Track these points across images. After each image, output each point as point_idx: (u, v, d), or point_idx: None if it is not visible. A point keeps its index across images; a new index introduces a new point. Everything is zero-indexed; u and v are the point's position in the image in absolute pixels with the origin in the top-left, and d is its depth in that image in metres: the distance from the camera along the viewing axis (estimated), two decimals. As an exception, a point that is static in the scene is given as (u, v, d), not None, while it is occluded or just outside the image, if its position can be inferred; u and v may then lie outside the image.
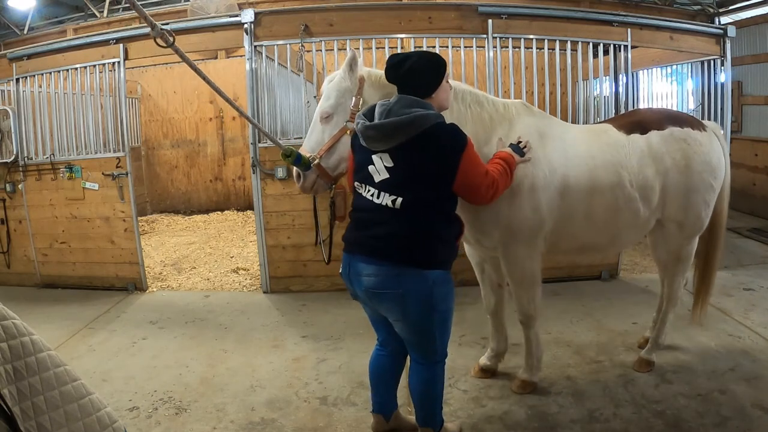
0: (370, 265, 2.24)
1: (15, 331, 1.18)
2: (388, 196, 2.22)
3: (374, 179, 2.26)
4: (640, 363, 3.34)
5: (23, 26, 9.46)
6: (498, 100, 2.83)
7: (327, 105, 2.52)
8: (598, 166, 2.85)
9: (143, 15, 1.64)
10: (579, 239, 2.98)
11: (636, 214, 2.94)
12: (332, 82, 2.56)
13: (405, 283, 2.21)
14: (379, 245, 2.22)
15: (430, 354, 2.39)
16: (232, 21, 4.81)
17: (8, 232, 5.51)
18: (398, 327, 2.36)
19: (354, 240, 2.34)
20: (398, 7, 5.15)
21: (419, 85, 2.29)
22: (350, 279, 2.36)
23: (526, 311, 2.96)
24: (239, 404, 3.11)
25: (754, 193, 7.54)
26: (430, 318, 2.29)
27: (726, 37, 5.19)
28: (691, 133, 3.04)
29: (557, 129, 2.91)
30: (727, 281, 4.84)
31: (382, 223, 2.23)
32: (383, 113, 2.22)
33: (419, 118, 2.16)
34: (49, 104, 5.21)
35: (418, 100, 2.25)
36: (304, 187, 2.59)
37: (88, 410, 1.28)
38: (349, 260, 2.34)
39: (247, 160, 6.78)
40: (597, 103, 5.58)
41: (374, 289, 2.25)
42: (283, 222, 4.93)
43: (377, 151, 2.25)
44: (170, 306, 4.82)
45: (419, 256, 2.22)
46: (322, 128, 2.54)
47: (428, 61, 2.30)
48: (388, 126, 2.17)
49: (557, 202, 2.79)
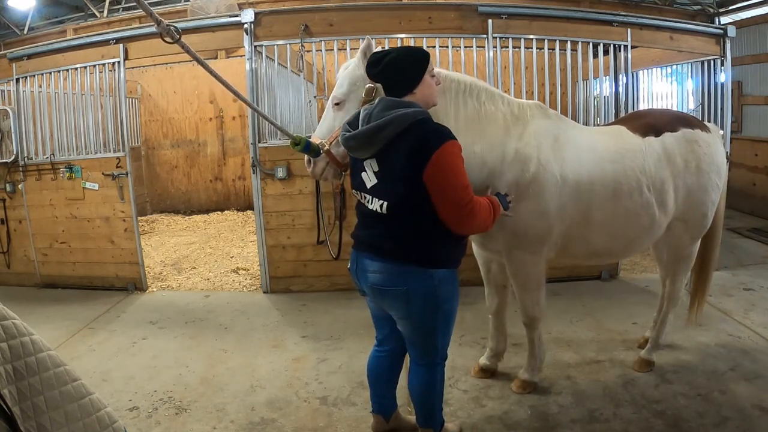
0: (375, 261, 2.26)
1: (15, 331, 1.18)
2: (377, 201, 2.22)
3: (366, 186, 2.27)
4: (640, 363, 3.34)
5: (23, 26, 9.46)
6: (514, 100, 2.78)
7: (339, 92, 2.51)
8: (618, 171, 2.82)
9: (149, 11, 1.63)
10: (592, 244, 2.94)
11: (653, 219, 2.93)
12: (346, 69, 2.54)
13: (410, 281, 2.21)
14: (381, 244, 2.23)
15: (431, 354, 2.38)
16: (232, 21, 4.81)
17: (8, 232, 5.51)
18: (401, 325, 2.36)
19: (360, 238, 2.37)
20: (398, 7, 5.15)
21: (399, 81, 2.21)
22: (357, 275, 2.38)
23: (530, 314, 2.96)
24: (239, 404, 3.11)
25: (754, 193, 7.54)
26: (434, 317, 2.29)
27: (726, 37, 5.19)
28: (700, 134, 3.06)
29: (572, 132, 2.86)
30: (727, 281, 4.85)
31: (376, 225, 2.25)
32: (365, 119, 2.18)
33: (397, 118, 2.10)
34: (49, 104, 5.21)
35: (398, 100, 2.18)
36: (314, 173, 2.58)
37: (88, 410, 1.28)
38: (357, 256, 2.37)
39: (247, 160, 6.78)
40: (597, 103, 5.58)
41: (379, 285, 2.26)
42: (283, 222, 4.93)
43: (365, 158, 2.24)
44: (170, 306, 4.82)
45: (419, 255, 2.20)
46: (334, 115, 2.53)
47: (407, 56, 2.21)
48: (366, 133, 2.13)
49: (569, 208, 2.75)
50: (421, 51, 2.28)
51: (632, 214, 2.87)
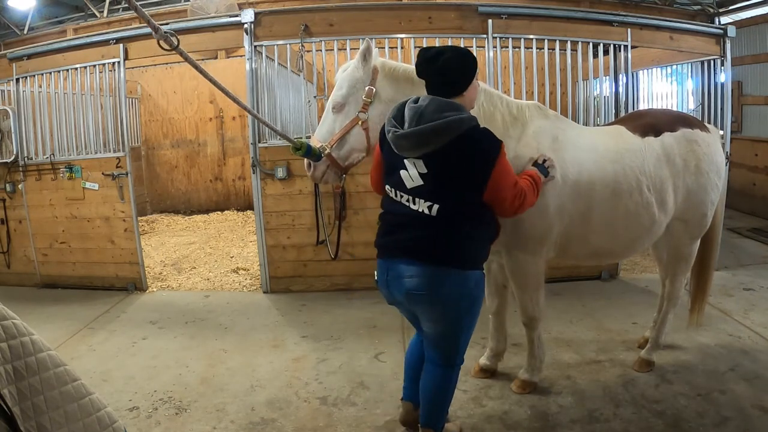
0: (411, 266, 2.19)
1: (15, 331, 1.18)
2: (424, 203, 2.18)
3: (406, 185, 2.21)
4: (640, 363, 3.34)
5: (23, 26, 9.46)
6: (512, 100, 2.78)
7: (339, 95, 2.50)
8: (618, 172, 2.82)
9: (146, 19, 1.63)
10: (592, 245, 2.94)
11: (653, 219, 2.93)
12: (345, 71, 2.54)
13: (448, 284, 2.19)
14: (420, 247, 2.19)
15: (452, 356, 2.37)
16: (232, 21, 4.81)
17: (8, 232, 5.51)
18: (431, 328, 2.32)
19: (391, 244, 2.28)
20: (398, 7, 5.15)
21: (452, 82, 2.21)
22: (388, 284, 2.30)
23: (529, 314, 2.96)
24: (239, 404, 3.11)
25: (754, 193, 7.54)
26: (464, 318, 2.28)
27: (726, 37, 5.19)
28: (700, 134, 3.07)
29: (571, 133, 2.85)
30: (727, 281, 4.85)
31: (420, 228, 2.20)
32: (414, 117, 2.12)
33: (454, 123, 2.09)
34: (49, 104, 5.20)
35: (450, 102, 2.17)
36: (314, 177, 2.58)
37: (88, 410, 1.28)
38: (387, 265, 2.28)
39: (247, 160, 6.78)
40: (597, 103, 5.58)
41: (417, 290, 2.20)
42: (283, 222, 4.93)
43: (409, 156, 2.20)
44: (170, 306, 4.82)
45: (460, 257, 2.20)
46: (334, 118, 2.53)
47: (462, 58, 2.21)
48: (422, 133, 2.09)
49: (569, 208, 2.75)
50: (472, 55, 2.28)
51: (632, 214, 2.87)
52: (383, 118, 2.41)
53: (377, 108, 2.51)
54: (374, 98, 2.48)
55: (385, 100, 2.52)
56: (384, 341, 3.88)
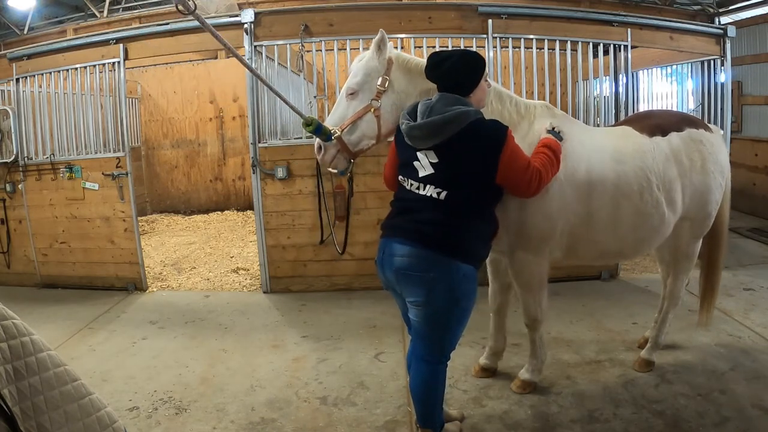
0: (405, 246, 2.28)
1: (15, 331, 1.18)
2: (433, 188, 2.29)
3: (418, 174, 2.33)
4: (640, 363, 3.34)
5: (23, 26, 9.46)
6: (521, 99, 2.80)
7: (353, 82, 2.56)
8: (628, 172, 2.81)
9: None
10: (601, 245, 2.93)
11: (662, 218, 2.92)
12: (361, 61, 2.60)
13: (436, 269, 2.25)
14: (419, 229, 2.27)
15: (438, 350, 2.40)
16: (232, 21, 4.81)
17: (8, 232, 5.51)
18: (417, 313, 2.35)
19: (394, 225, 2.39)
20: (398, 7, 5.15)
21: (458, 84, 2.35)
22: (383, 262, 2.39)
23: (532, 315, 2.96)
24: (239, 404, 3.11)
25: (754, 193, 7.54)
26: (451, 311, 2.31)
27: (726, 37, 5.19)
28: (705, 134, 3.08)
29: (579, 133, 2.85)
30: (727, 281, 4.83)
31: (425, 210, 2.29)
32: (425, 112, 2.29)
33: (461, 114, 2.24)
34: (49, 104, 5.21)
35: (458, 97, 2.32)
36: (323, 161, 2.61)
37: (88, 410, 1.28)
38: (385, 244, 2.38)
39: (247, 160, 6.77)
40: (597, 103, 5.58)
41: (405, 269, 2.28)
42: (283, 222, 4.93)
43: (422, 148, 2.32)
44: (170, 306, 4.82)
45: (455, 246, 2.26)
46: (347, 104, 2.58)
47: (467, 62, 2.36)
48: (432, 124, 2.24)
49: (575, 208, 2.74)
50: (479, 58, 2.41)
51: (642, 213, 2.86)
52: (394, 108, 2.55)
53: (390, 97, 2.58)
54: (388, 87, 2.56)
55: (397, 90, 2.59)
56: (384, 341, 3.88)
